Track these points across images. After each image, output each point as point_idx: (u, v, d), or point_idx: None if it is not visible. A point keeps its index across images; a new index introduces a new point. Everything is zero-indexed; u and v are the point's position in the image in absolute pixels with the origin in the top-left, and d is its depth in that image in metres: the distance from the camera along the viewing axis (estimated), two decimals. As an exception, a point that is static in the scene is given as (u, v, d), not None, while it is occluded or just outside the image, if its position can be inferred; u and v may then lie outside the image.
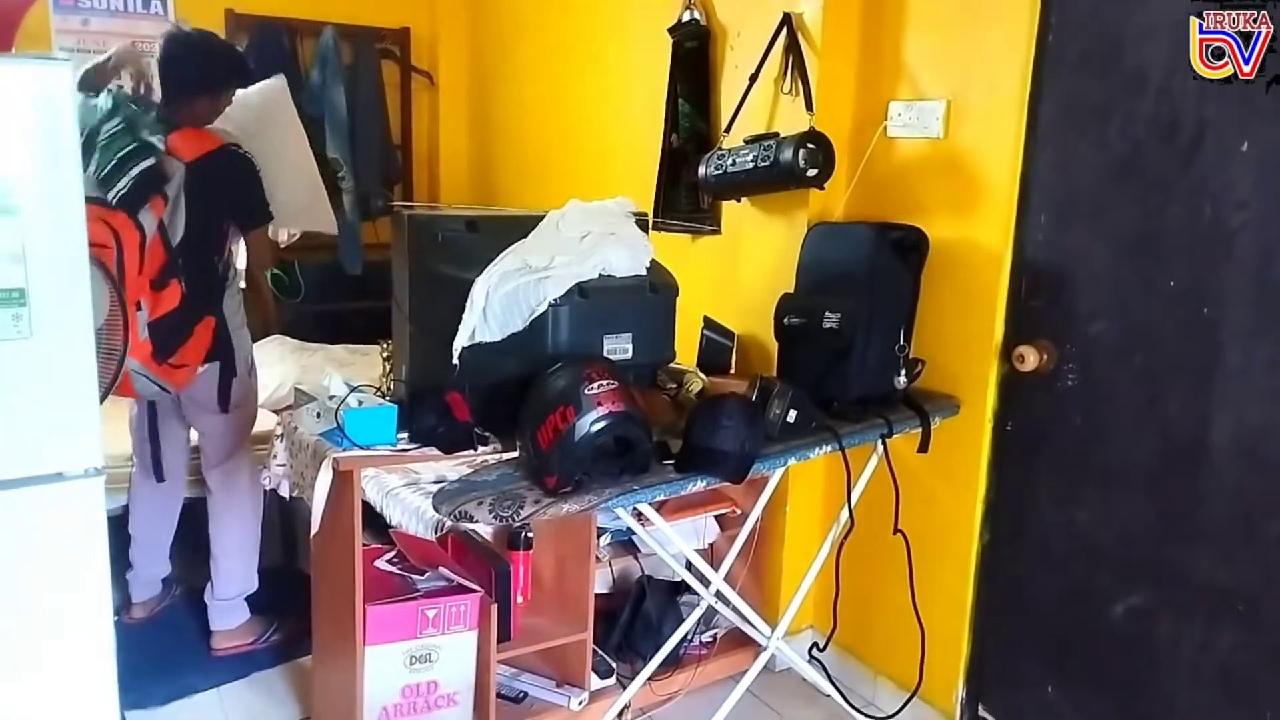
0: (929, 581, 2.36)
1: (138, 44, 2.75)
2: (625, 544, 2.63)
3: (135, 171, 2.24)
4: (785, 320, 2.32)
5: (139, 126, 2.31)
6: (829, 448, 2.09)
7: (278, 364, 3.49)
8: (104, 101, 2.33)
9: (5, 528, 1.46)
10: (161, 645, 2.73)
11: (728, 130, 2.64)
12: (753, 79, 2.55)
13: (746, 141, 2.51)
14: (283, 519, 3.18)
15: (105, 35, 3.54)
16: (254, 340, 3.71)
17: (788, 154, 2.35)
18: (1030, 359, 2.12)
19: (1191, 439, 1.91)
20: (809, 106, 2.43)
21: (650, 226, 2.88)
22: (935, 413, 2.24)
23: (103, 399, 1.59)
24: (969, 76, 2.24)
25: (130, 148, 2.25)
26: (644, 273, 2.10)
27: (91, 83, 2.41)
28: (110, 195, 2.21)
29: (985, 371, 2.24)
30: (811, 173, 2.36)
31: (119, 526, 2.71)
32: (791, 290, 2.40)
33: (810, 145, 2.35)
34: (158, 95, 2.49)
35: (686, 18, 2.83)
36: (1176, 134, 1.89)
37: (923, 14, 2.34)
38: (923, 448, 2.22)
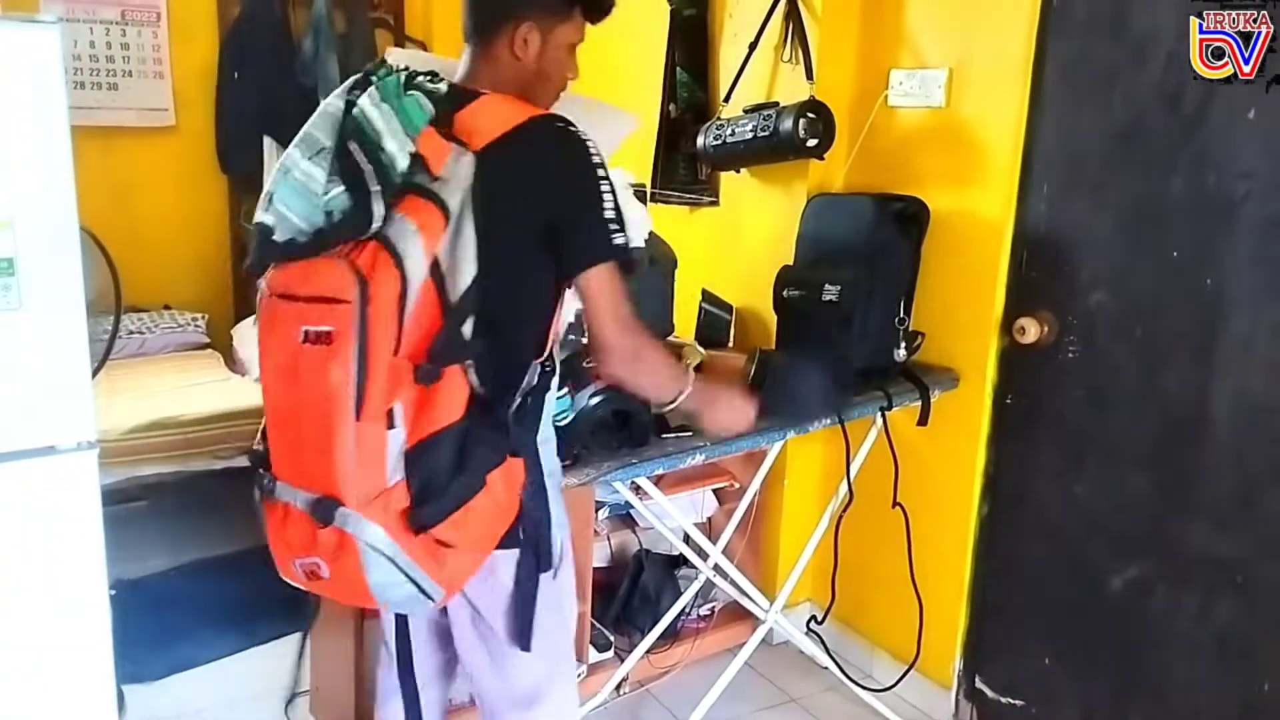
0: (927, 555, 2.36)
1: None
2: (623, 518, 2.62)
3: (390, 162, 1.28)
4: (784, 292, 2.30)
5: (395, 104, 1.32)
6: (828, 421, 2.08)
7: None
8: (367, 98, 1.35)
9: (-3, 502, 1.45)
10: (159, 618, 2.72)
11: (726, 100, 2.61)
12: (752, 47, 2.51)
13: (746, 111, 2.48)
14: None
15: (95, 4, 3.48)
16: (249, 313, 3.74)
17: (788, 124, 2.32)
18: (1031, 331, 2.11)
19: (1192, 411, 1.90)
20: (809, 75, 2.40)
21: (648, 198, 2.86)
22: (935, 386, 2.23)
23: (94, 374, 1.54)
24: (972, 43, 2.21)
25: (379, 138, 1.30)
26: (642, 245, 2.08)
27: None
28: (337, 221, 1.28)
29: (985, 344, 2.23)
30: (812, 143, 2.33)
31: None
32: (791, 262, 2.38)
33: (810, 115, 2.32)
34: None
35: (685, -15, 2.79)
36: (1181, 101, 1.86)
37: (924, -20, 2.31)
38: (922, 421, 2.21)
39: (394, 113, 1.29)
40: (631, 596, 2.60)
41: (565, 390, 1.64)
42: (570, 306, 1.59)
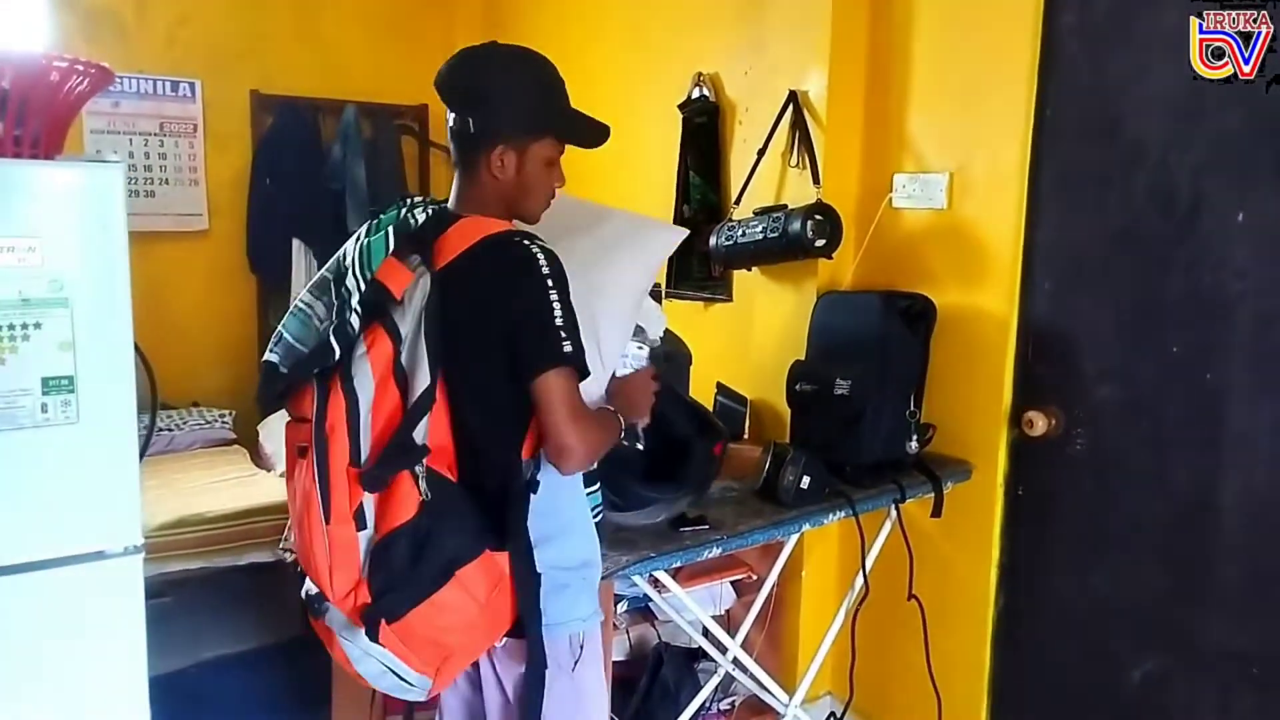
0: (946, 646, 2.37)
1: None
2: (642, 611, 2.64)
3: (346, 297, 1.43)
4: (797, 387, 2.37)
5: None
6: (843, 513, 2.12)
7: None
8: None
9: (50, 605, 1.51)
10: (180, 716, 2.73)
11: (737, 202, 2.72)
12: (761, 153, 2.63)
13: (756, 213, 2.58)
14: (301, 588, 3.21)
15: (135, 117, 3.68)
16: (274, 410, 3.82)
17: (796, 225, 2.42)
18: (1039, 424, 2.16)
19: (1200, 503, 1.94)
20: (815, 179, 2.51)
21: (663, 295, 2.95)
22: (947, 477, 2.27)
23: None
24: (971, 149, 2.32)
25: (345, 275, 1.46)
26: (658, 343, 2.16)
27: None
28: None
29: (995, 436, 2.28)
30: (819, 243, 2.43)
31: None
32: (803, 357, 2.45)
33: (818, 216, 2.42)
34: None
35: (696, 94, 2.93)
36: (1174, 204, 1.95)
37: (925, 90, 2.43)
38: (936, 512, 2.25)
39: (363, 250, 1.45)
40: (651, 691, 2.60)
41: (596, 486, 1.69)
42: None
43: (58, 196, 1.46)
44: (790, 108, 2.57)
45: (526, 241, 1.42)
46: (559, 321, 1.38)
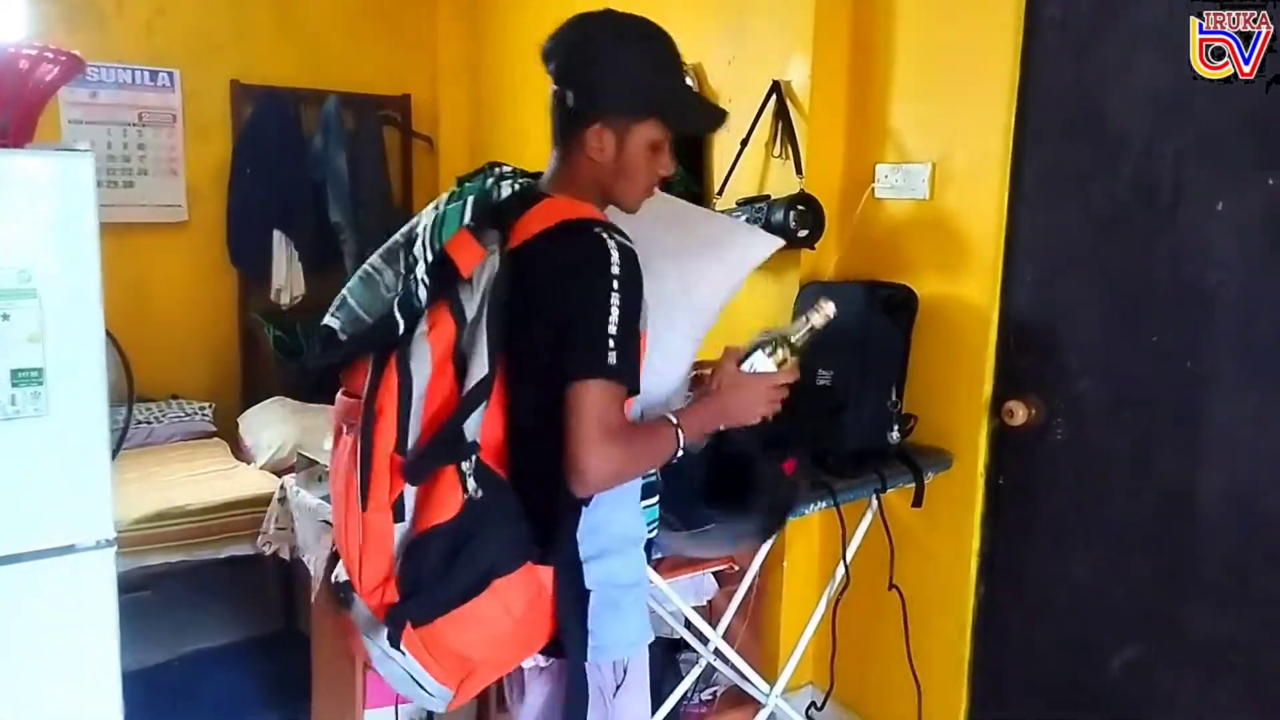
0: (926, 635, 2.38)
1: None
2: (625, 602, 2.63)
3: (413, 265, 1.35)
4: (779, 377, 2.36)
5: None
6: (824, 503, 2.12)
7: (279, 425, 3.52)
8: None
9: (19, 599, 1.49)
10: (161, 709, 2.72)
11: (720, 192, 2.71)
12: (744, 144, 2.62)
13: (739, 204, 2.57)
14: (283, 582, 3.20)
15: (113, 107, 3.64)
16: (255, 401, 3.81)
17: (779, 215, 2.41)
18: (1019, 414, 2.16)
19: (1182, 493, 1.94)
20: (798, 170, 2.50)
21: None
22: (928, 467, 2.27)
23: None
24: (953, 140, 2.31)
25: (413, 245, 1.39)
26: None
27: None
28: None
29: (976, 426, 2.28)
30: (802, 234, 2.42)
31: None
32: (785, 349, 2.45)
33: (800, 207, 2.42)
34: None
35: (678, 84, 2.92)
36: (1154, 195, 1.95)
37: (908, 80, 2.42)
38: (917, 502, 2.25)
39: (437, 218, 1.35)
40: (634, 682, 2.60)
41: (655, 499, 1.53)
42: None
43: (25, 186, 1.45)
44: (773, 98, 2.56)
45: (604, 233, 1.29)
46: (613, 329, 1.24)
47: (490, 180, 1.39)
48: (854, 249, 2.54)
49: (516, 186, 1.39)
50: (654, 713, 2.40)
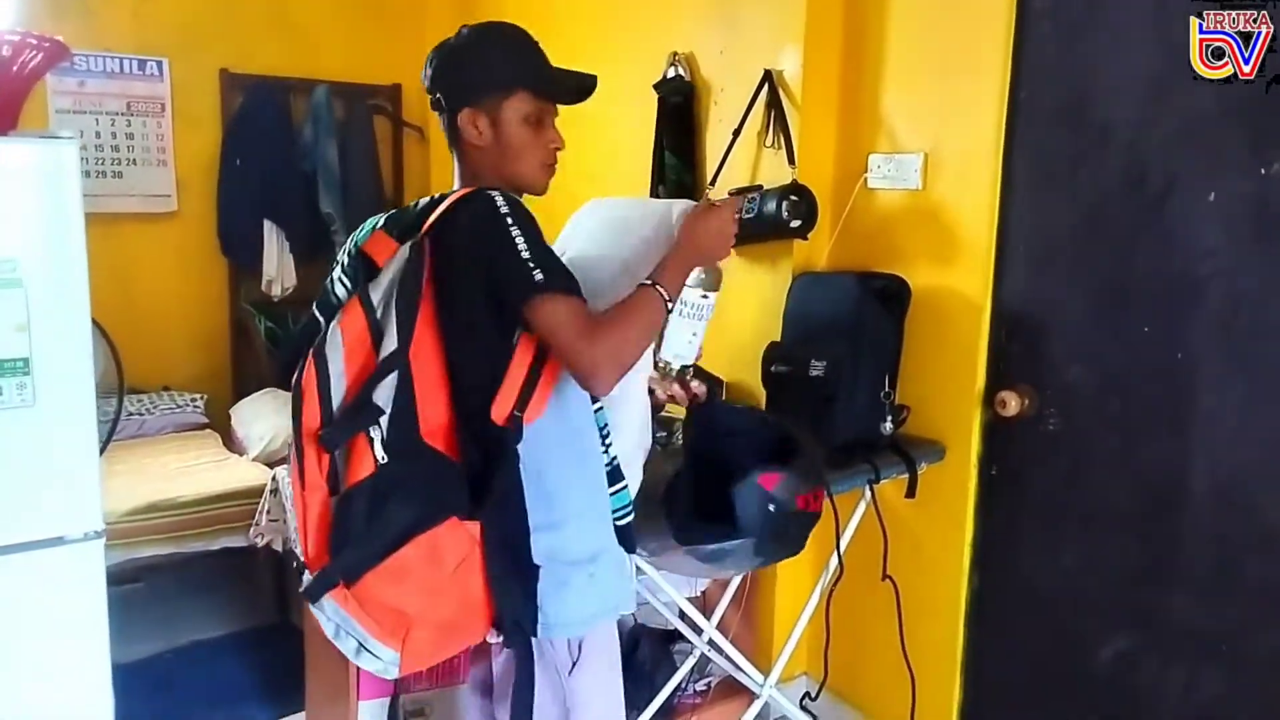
0: (920, 626, 2.38)
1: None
2: (618, 593, 2.63)
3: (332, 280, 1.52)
4: (772, 368, 2.36)
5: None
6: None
7: (271, 416, 3.51)
8: None
9: (8, 592, 1.48)
10: (154, 702, 2.72)
11: (713, 183, 2.70)
12: (736, 133, 2.61)
13: (731, 194, 2.56)
14: (275, 573, 3.19)
15: (101, 96, 3.61)
16: (247, 393, 3.79)
17: (771, 206, 2.40)
18: (1012, 404, 2.16)
19: (1169, 482, 1.95)
20: (791, 160, 2.50)
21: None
22: (921, 458, 2.27)
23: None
24: (945, 130, 2.31)
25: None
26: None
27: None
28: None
29: (969, 417, 2.28)
30: (795, 224, 2.42)
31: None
32: (778, 339, 2.45)
33: (793, 197, 2.41)
34: None
35: (671, 74, 2.90)
36: (1145, 185, 1.95)
37: (899, 70, 2.41)
38: (910, 493, 2.25)
39: (360, 229, 1.51)
40: (627, 673, 2.60)
41: (622, 485, 1.54)
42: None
43: (9, 174, 1.43)
44: (765, 87, 2.55)
45: (488, 190, 1.41)
46: (526, 254, 1.35)
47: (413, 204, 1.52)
48: (846, 239, 2.54)
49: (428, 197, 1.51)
50: (649, 703, 2.41)
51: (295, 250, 3.89)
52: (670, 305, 1.44)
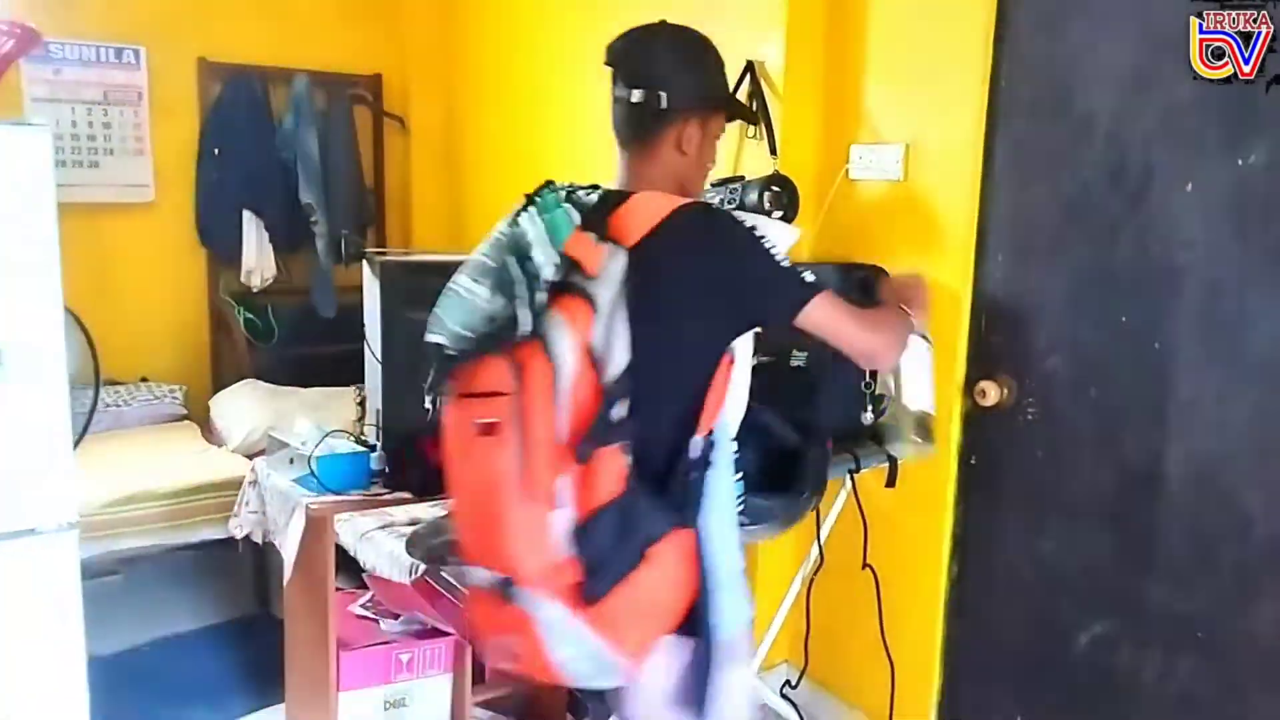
0: (899, 614, 2.39)
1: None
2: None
3: (536, 271, 1.40)
4: (754, 358, 2.36)
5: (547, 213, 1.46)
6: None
7: (251, 408, 3.49)
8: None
9: (-21, 583, 1.46)
10: (133, 695, 2.70)
11: (694, 174, 2.69)
12: (718, 124, 2.61)
13: (713, 185, 2.55)
14: (255, 565, 3.17)
15: (78, 85, 3.56)
16: (226, 384, 3.77)
17: (753, 196, 2.40)
18: (991, 394, 2.17)
19: (1147, 470, 1.96)
20: (773, 150, 2.49)
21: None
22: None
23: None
24: (927, 121, 2.31)
25: (529, 249, 1.42)
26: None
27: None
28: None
29: (949, 407, 2.29)
30: (776, 215, 2.41)
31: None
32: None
33: (775, 188, 2.40)
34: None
35: (653, 64, 2.89)
36: (1124, 177, 1.96)
37: (881, 61, 2.42)
38: (890, 482, 2.26)
39: (544, 226, 1.40)
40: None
41: (741, 474, 1.63)
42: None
43: (-20, 161, 1.41)
44: (747, 78, 2.54)
45: (716, 207, 1.51)
46: (785, 265, 1.42)
47: (566, 191, 1.47)
48: (828, 230, 2.54)
49: (593, 195, 1.46)
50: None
51: (275, 241, 3.85)
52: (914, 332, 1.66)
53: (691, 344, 1.40)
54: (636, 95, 1.49)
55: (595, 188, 1.49)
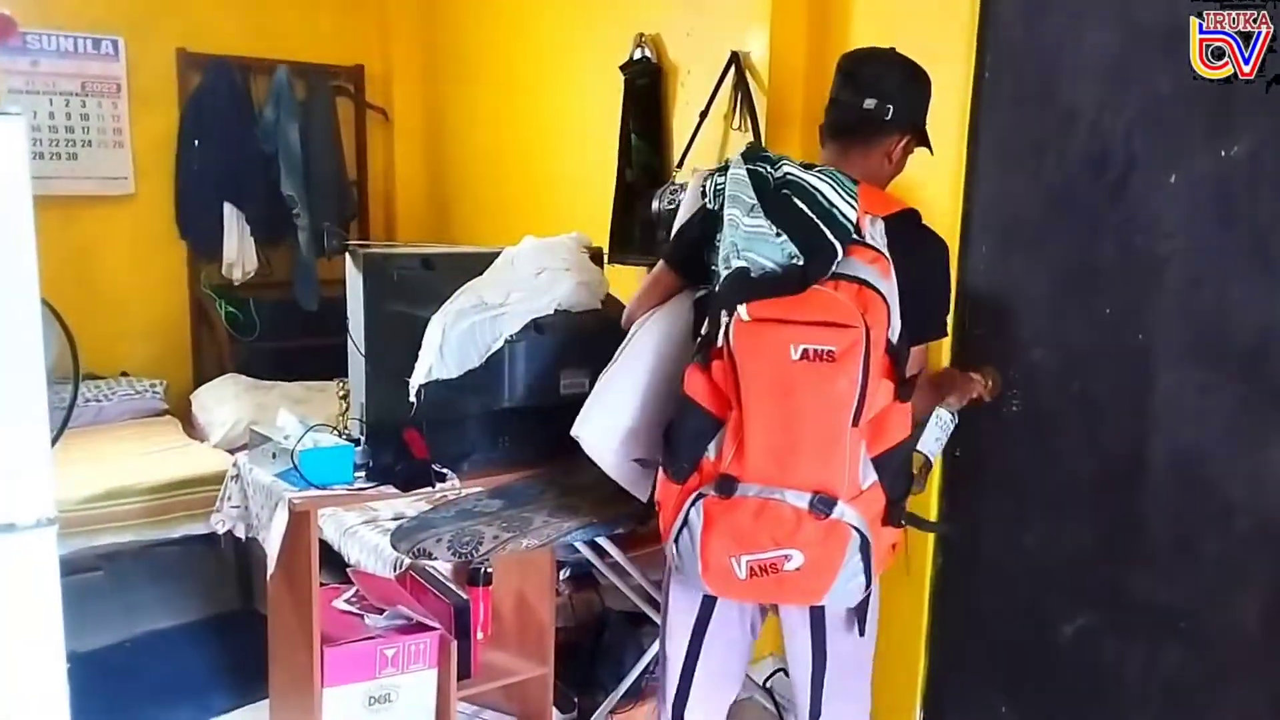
0: (885, 606, 2.38)
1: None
2: (585, 577, 2.63)
3: (845, 221, 1.50)
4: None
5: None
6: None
7: (232, 402, 3.47)
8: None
9: (-45, 580, 1.44)
10: (114, 691, 2.67)
11: (680, 165, 2.70)
12: (703, 115, 2.61)
13: (702, 175, 2.55)
14: (238, 560, 3.15)
15: (55, 76, 3.52)
16: (208, 379, 3.74)
17: (738, 189, 2.39)
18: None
19: (1129, 461, 1.97)
20: (758, 141, 2.49)
21: (605, 260, 2.92)
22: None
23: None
24: (911, 113, 2.31)
25: (824, 197, 1.52)
26: (600, 307, 2.13)
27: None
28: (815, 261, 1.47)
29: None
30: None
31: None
32: (745, 322, 2.44)
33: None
34: None
35: (638, 55, 2.89)
36: (1107, 168, 1.96)
37: (865, 53, 2.41)
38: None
39: (831, 178, 1.53)
40: (595, 656, 2.60)
41: None
42: None
43: (-47, 151, 1.38)
44: (732, 69, 2.54)
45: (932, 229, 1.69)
46: (950, 300, 1.77)
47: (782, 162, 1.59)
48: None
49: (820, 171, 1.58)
50: (616, 686, 2.41)
51: (256, 233, 3.82)
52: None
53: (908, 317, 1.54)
54: (870, 103, 1.68)
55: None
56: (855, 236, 1.49)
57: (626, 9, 2.98)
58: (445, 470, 2.05)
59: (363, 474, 2.06)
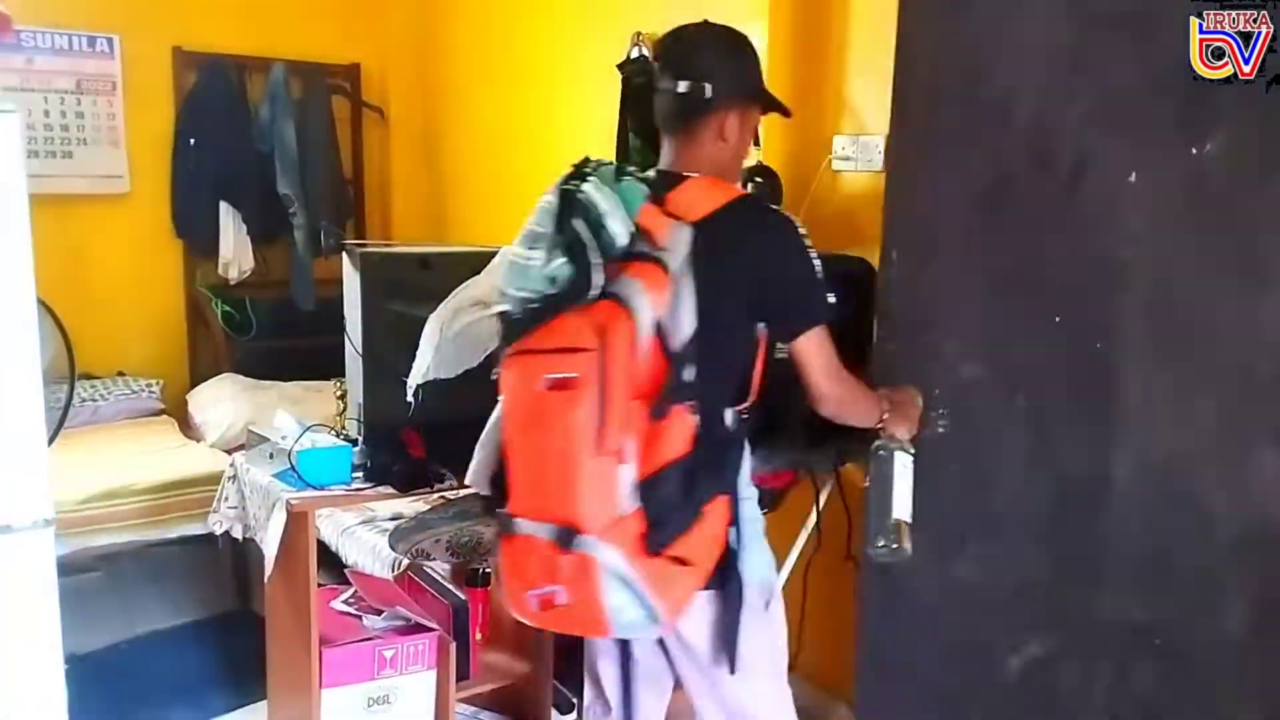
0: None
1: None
2: (584, 576, 2.63)
3: (611, 238, 1.44)
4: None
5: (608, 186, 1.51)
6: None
7: (229, 402, 3.46)
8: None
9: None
10: (112, 692, 2.67)
11: (677, 164, 2.68)
12: (700, 114, 2.59)
13: (697, 175, 2.55)
14: (235, 561, 3.15)
15: (50, 74, 3.51)
16: (204, 378, 3.73)
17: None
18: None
19: (1090, 478, 1.77)
20: (755, 141, 2.47)
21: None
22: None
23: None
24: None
25: (602, 217, 1.45)
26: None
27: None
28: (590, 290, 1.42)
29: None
30: (760, 206, 2.41)
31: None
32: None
33: (757, 179, 2.40)
34: None
35: (635, 54, 2.88)
36: (1053, 166, 1.77)
37: (863, 51, 2.42)
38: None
39: (615, 196, 1.47)
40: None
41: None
42: None
43: (-52, 149, 1.37)
44: (729, 68, 2.53)
45: (777, 209, 1.60)
46: (821, 281, 1.55)
47: (613, 169, 1.55)
48: (811, 221, 2.48)
49: (649, 173, 1.60)
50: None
51: (252, 232, 3.82)
52: (878, 423, 1.73)
53: (736, 324, 1.52)
54: (683, 86, 1.58)
55: (624, 170, 1.56)
56: (643, 249, 1.43)
57: (623, 8, 2.97)
58: (443, 470, 2.04)
59: (360, 474, 2.05)
